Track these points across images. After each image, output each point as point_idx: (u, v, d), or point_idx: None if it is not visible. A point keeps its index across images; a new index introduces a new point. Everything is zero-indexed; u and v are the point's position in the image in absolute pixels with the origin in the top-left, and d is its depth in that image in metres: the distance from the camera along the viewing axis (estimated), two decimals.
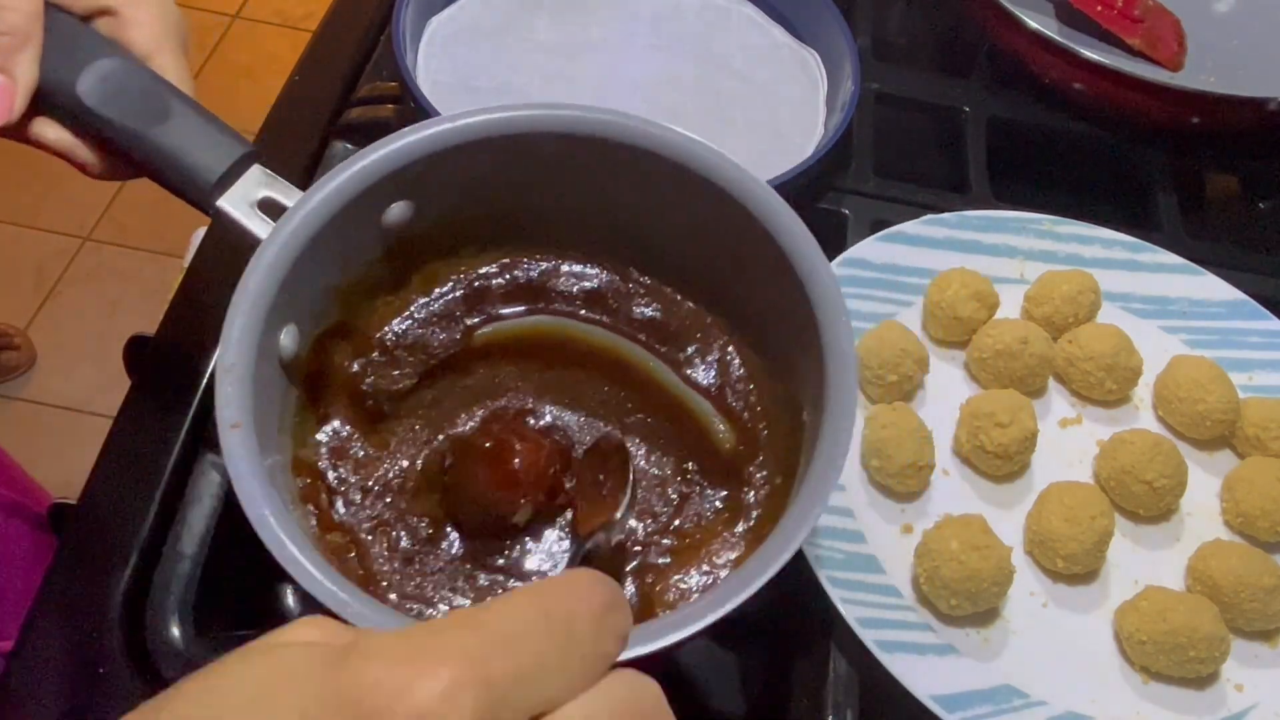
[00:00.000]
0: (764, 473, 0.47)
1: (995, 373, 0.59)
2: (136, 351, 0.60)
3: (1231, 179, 0.82)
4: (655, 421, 0.49)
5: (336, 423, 0.47)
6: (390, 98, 0.68)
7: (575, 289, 0.52)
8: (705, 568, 0.44)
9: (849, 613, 0.49)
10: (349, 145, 0.67)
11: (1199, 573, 0.54)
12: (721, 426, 0.48)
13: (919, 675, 0.48)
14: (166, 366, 0.58)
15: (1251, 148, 0.78)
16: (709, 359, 0.50)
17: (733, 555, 0.45)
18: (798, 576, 0.51)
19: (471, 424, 0.48)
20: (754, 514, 0.46)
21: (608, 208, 0.49)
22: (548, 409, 0.49)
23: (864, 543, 0.53)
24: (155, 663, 0.48)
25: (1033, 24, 0.74)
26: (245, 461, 0.37)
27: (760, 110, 0.69)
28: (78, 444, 1.52)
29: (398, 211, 0.47)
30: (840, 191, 0.69)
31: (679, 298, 0.51)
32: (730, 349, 0.50)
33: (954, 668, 0.50)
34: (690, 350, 0.50)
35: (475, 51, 0.68)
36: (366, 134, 0.67)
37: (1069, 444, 0.60)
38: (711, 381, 0.50)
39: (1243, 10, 0.84)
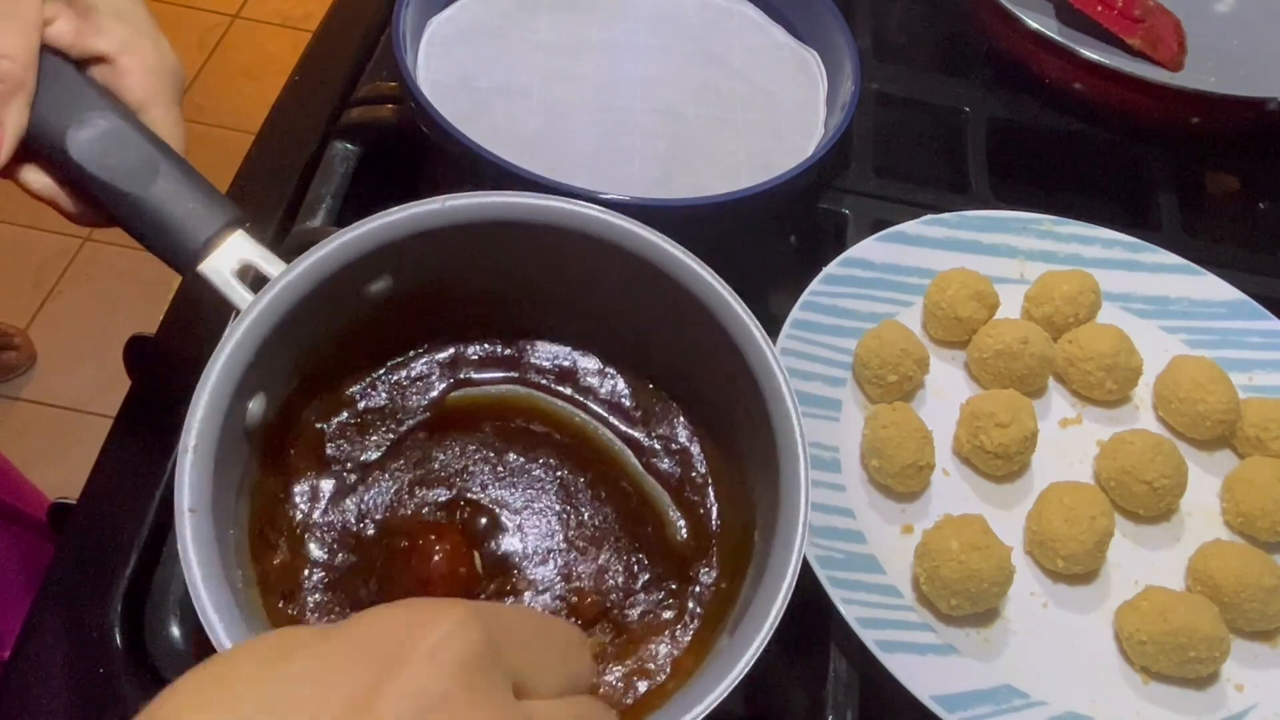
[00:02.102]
0: (713, 573, 0.47)
1: (995, 373, 0.59)
2: (136, 351, 0.60)
3: (1231, 179, 0.82)
4: (612, 506, 0.49)
5: (300, 485, 0.47)
6: (390, 98, 0.68)
7: (548, 364, 0.52)
8: (645, 664, 0.44)
9: (849, 613, 0.49)
10: (349, 145, 0.67)
11: (1199, 573, 0.54)
12: (677, 518, 0.49)
13: (919, 675, 0.48)
14: (166, 366, 0.58)
15: (1251, 148, 0.78)
16: (673, 448, 0.51)
17: (673, 655, 0.45)
18: (798, 576, 0.51)
19: (424, 505, 0.48)
20: (697, 616, 0.46)
21: (586, 294, 0.49)
22: (497, 492, 0.49)
23: (864, 543, 0.53)
24: (155, 663, 0.48)
25: (1033, 24, 0.74)
26: (196, 548, 0.37)
27: (760, 110, 0.69)
28: (78, 444, 1.51)
29: (378, 286, 0.47)
30: (840, 191, 0.69)
31: (650, 386, 0.52)
32: (695, 442, 0.51)
33: (954, 668, 0.50)
34: (655, 438, 0.51)
35: (475, 51, 0.68)
36: (366, 134, 0.67)
37: (1069, 444, 0.60)
38: (672, 471, 0.50)
39: (1243, 10, 0.84)
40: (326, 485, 0.47)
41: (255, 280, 0.43)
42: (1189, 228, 0.71)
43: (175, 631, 0.49)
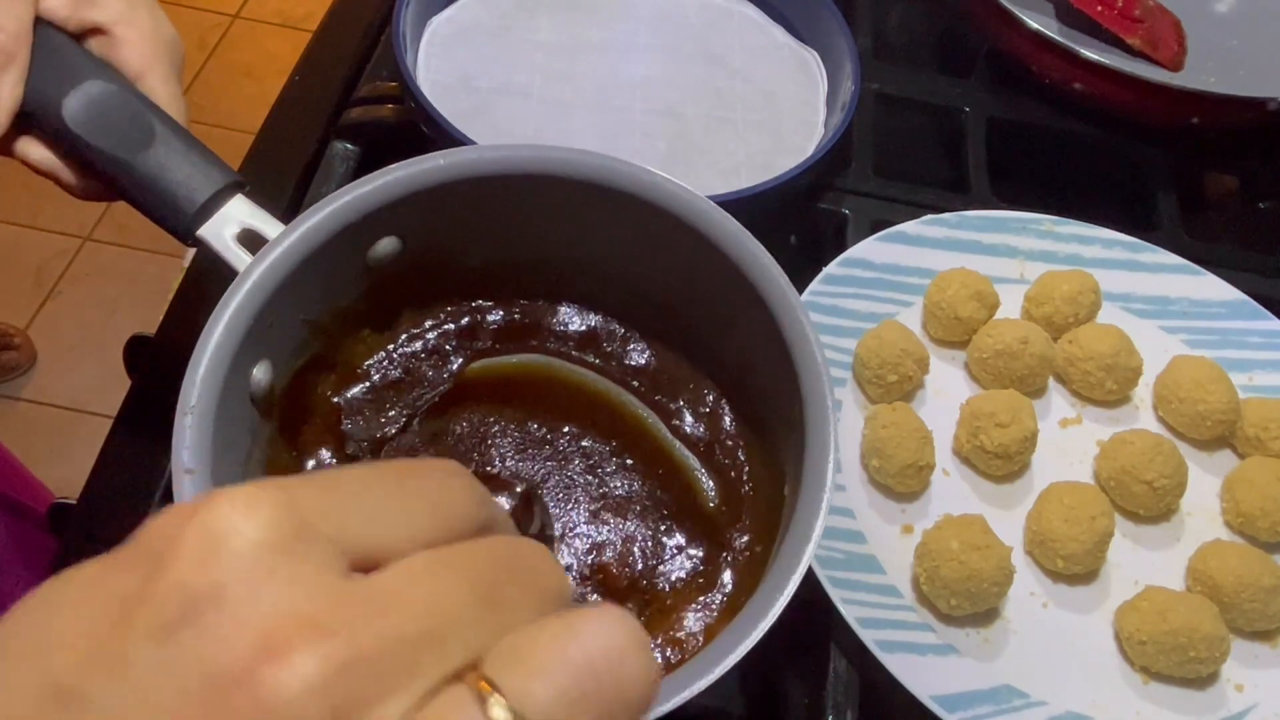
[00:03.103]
0: (745, 538, 0.45)
1: (995, 373, 0.59)
2: (136, 351, 0.60)
3: (1231, 179, 0.82)
4: (639, 473, 0.47)
5: (313, 462, 0.45)
6: (390, 98, 0.68)
7: (569, 329, 0.51)
8: (676, 634, 0.43)
9: (849, 613, 0.49)
10: (349, 145, 0.67)
11: (1199, 573, 0.54)
12: (707, 483, 0.47)
13: (919, 675, 0.48)
14: (166, 366, 0.58)
15: (1251, 148, 0.78)
16: (700, 411, 0.49)
17: (705, 624, 0.44)
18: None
19: None
20: (730, 582, 0.45)
21: (604, 253, 0.48)
22: (517, 464, 0.47)
23: (864, 543, 0.53)
24: None
25: (1033, 24, 0.74)
26: None
27: (760, 110, 0.69)
28: (78, 444, 1.52)
29: (385, 248, 0.46)
30: (840, 191, 0.69)
31: (674, 347, 0.50)
32: (723, 403, 0.49)
33: (954, 668, 0.50)
34: (681, 401, 0.49)
35: (475, 51, 0.68)
36: (366, 134, 0.67)
37: (1069, 444, 0.60)
38: (701, 435, 0.48)
39: (1243, 10, 0.84)
40: (339, 463, 0.46)
41: (256, 245, 0.42)
42: (1189, 228, 0.71)
43: None
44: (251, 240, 0.43)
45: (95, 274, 1.74)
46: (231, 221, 0.43)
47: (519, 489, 0.45)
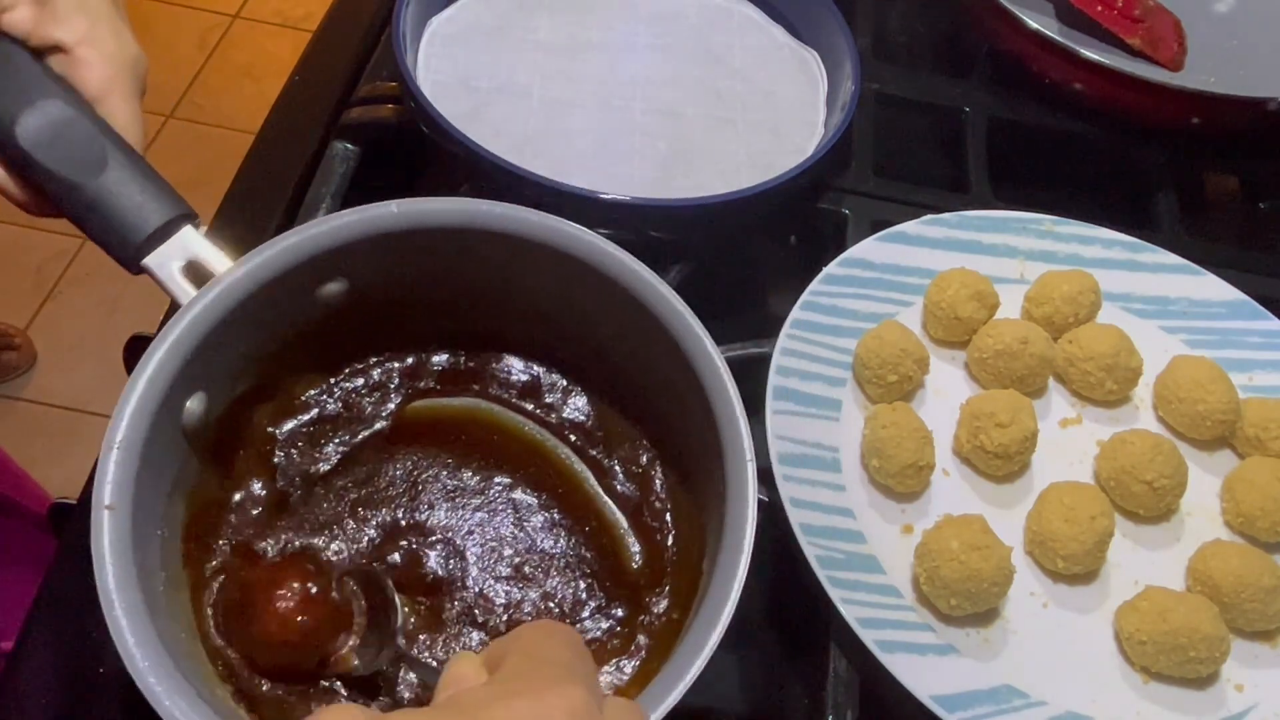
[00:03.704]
0: (664, 602, 0.46)
1: (995, 373, 0.59)
2: (136, 351, 0.60)
3: (1231, 179, 0.82)
4: (565, 529, 0.48)
5: (240, 494, 0.46)
6: (390, 98, 0.68)
7: (512, 377, 0.51)
8: None
9: (849, 613, 0.49)
10: (349, 145, 0.67)
11: (1199, 573, 0.54)
12: (633, 543, 0.48)
13: (919, 675, 0.48)
14: None
15: (1251, 148, 0.77)
16: (633, 470, 0.49)
17: (615, 686, 0.44)
18: (798, 577, 0.51)
19: (368, 532, 0.47)
20: (645, 646, 0.45)
21: (550, 307, 0.48)
22: (444, 514, 0.47)
23: (864, 543, 0.53)
24: None
25: (1033, 24, 0.74)
26: (111, 548, 0.36)
27: (760, 110, 0.69)
28: (78, 444, 1.52)
29: (332, 289, 0.46)
30: (840, 191, 0.69)
31: (613, 406, 0.51)
32: (656, 465, 0.49)
33: (954, 668, 0.50)
34: (615, 459, 0.50)
35: (475, 51, 0.68)
36: (366, 134, 0.67)
37: (1069, 444, 0.60)
38: (632, 494, 0.49)
39: (1243, 10, 0.84)
40: (268, 497, 0.46)
41: (202, 278, 0.42)
42: (1189, 228, 0.71)
43: None
44: (198, 274, 0.43)
45: (95, 274, 1.74)
46: (179, 253, 0.43)
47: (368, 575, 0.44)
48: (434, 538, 0.47)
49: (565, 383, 0.51)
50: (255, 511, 0.46)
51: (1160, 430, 0.60)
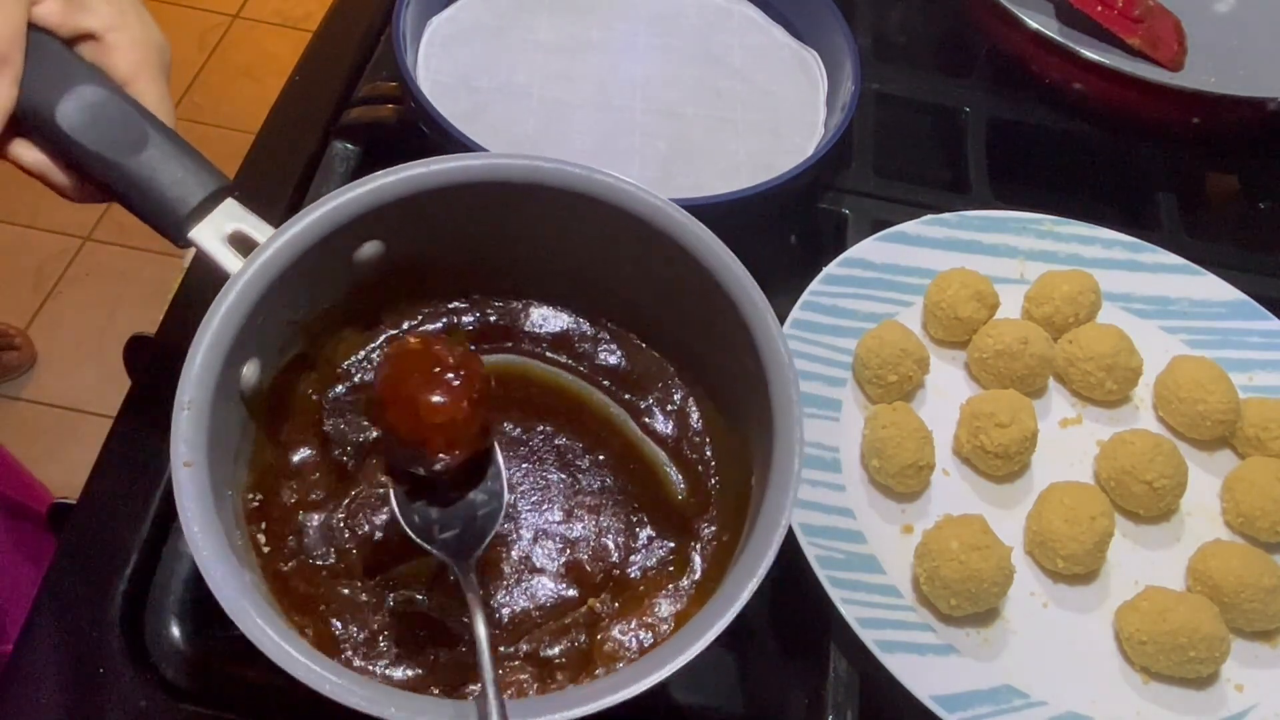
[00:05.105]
0: (713, 528, 0.47)
1: (995, 373, 0.59)
2: (136, 351, 0.60)
3: (1231, 179, 0.82)
4: (610, 469, 0.49)
5: (296, 457, 0.47)
6: (390, 98, 0.68)
7: (542, 330, 0.52)
8: (648, 620, 0.45)
9: (849, 613, 0.49)
10: (349, 145, 0.67)
11: (1199, 573, 0.54)
12: (676, 477, 0.49)
13: (919, 675, 0.48)
14: (166, 366, 0.58)
15: (1251, 148, 0.78)
16: (668, 409, 0.51)
17: (675, 609, 0.45)
18: (798, 576, 0.51)
19: None
20: (699, 569, 0.46)
21: (578, 258, 0.49)
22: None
23: (864, 543, 0.53)
24: (155, 663, 0.48)
25: (1033, 24, 0.74)
26: (194, 500, 0.37)
27: (760, 110, 0.69)
28: (78, 444, 1.52)
29: (369, 251, 0.47)
30: (840, 191, 0.69)
31: (643, 347, 0.52)
32: (690, 401, 0.51)
33: (954, 668, 0.50)
34: (651, 399, 0.51)
35: (475, 51, 0.68)
36: (366, 134, 0.67)
37: (1069, 444, 0.60)
38: (669, 432, 0.50)
39: (1243, 10, 0.84)
40: (325, 464, 0.47)
41: (247, 247, 0.43)
42: (1189, 228, 0.71)
43: (175, 631, 0.49)
44: (242, 243, 0.44)
45: (95, 274, 1.74)
46: (223, 224, 0.44)
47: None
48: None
49: (595, 330, 0.52)
50: (315, 477, 0.47)
51: (1160, 430, 0.60)
